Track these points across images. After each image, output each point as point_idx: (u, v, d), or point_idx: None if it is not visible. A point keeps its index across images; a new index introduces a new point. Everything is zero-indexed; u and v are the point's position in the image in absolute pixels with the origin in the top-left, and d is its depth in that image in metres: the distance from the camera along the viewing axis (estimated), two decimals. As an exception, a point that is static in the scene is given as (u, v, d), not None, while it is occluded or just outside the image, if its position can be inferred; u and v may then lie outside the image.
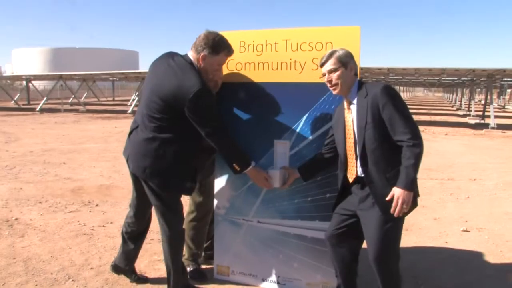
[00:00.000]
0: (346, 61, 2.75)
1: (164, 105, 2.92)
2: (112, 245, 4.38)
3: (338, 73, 2.74)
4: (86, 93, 39.13)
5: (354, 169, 2.78)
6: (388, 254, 2.70)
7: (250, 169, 3.13)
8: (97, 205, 5.92)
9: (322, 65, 2.82)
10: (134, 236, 3.48)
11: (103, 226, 5.05)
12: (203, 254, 3.88)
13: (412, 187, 2.54)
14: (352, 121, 2.75)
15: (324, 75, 2.81)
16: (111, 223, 5.15)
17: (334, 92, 2.82)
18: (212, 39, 2.95)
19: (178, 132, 2.98)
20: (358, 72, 2.88)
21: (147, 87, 3.06)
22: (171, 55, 3.09)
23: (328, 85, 2.81)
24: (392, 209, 2.56)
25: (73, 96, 32.60)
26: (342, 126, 2.83)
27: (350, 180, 2.83)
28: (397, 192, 2.55)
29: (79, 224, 5.09)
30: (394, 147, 2.60)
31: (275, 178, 3.20)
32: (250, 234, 3.48)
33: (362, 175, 2.72)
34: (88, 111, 25.83)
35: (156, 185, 3.04)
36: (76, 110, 26.00)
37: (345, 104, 2.81)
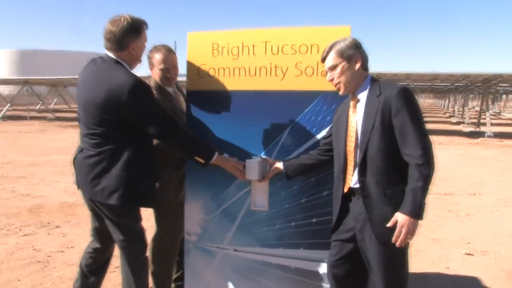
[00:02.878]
0: (349, 54, 2.50)
1: (100, 117, 2.78)
2: (70, 275, 4.11)
3: (339, 70, 2.52)
4: (55, 99, 38.63)
5: (350, 179, 2.58)
6: None
7: (217, 158, 2.97)
8: (57, 227, 5.68)
9: (323, 60, 2.60)
10: (95, 268, 3.27)
11: (62, 251, 4.81)
12: (172, 285, 3.70)
13: (419, 214, 2.31)
14: (357, 122, 2.52)
15: (326, 72, 2.60)
16: (72, 247, 4.91)
17: (340, 92, 2.59)
18: (128, 25, 2.79)
19: (123, 142, 2.83)
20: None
21: (80, 105, 2.94)
22: (92, 61, 2.97)
23: (332, 83, 2.59)
24: (394, 239, 2.34)
25: (40, 102, 32.07)
26: (344, 127, 2.60)
27: (345, 191, 2.62)
28: (401, 219, 2.31)
29: (34, 249, 4.83)
30: (401, 161, 2.38)
31: (254, 169, 3.00)
32: (225, 264, 3.29)
33: (357, 186, 2.51)
34: (57, 118, 25.48)
35: (115, 204, 2.86)
36: (44, 118, 25.56)
37: (351, 101, 2.58)
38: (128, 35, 2.79)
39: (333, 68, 2.54)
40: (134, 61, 2.92)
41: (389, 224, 2.35)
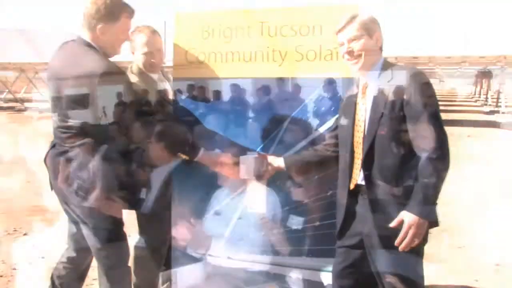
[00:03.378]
0: (371, 28, 2.60)
1: (72, 108, 2.84)
2: (41, 291, 4.15)
3: (361, 41, 2.58)
4: (25, 87, 38.58)
5: (358, 174, 2.64)
6: None
7: (203, 155, 3.06)
8: (25, 234, 5.71)
9: (339, 31, 2.65)
10: (70, 281, 3.32)
11: (31, 263, 4.82)
12: (158, 300, 3.74)
13: (429, 214, 2.38)
14: (366, 110, 2.60)
15: (341, 44, 2.65)
16: (43, 258, 4.91)
17: (355, 67, 2.64)
18: (103, 5, 2.86)
19: (99, 136, 2.87)
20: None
21: (51, 94, 2.98)
22: (64, 44, 3.02)
23: (347, 57, 2.63)
24: (398, 240, 2.39)
25: (6, 90, 32.10)
26: (351, 116, 2.67)
27: (351, 187, 2.68)
28: (407, 218, 2.37)
29: (-4, 262, 4.84)
30: (412, 156, 2.44)
31: (249, 166, 3.07)
32: (217, 274, 3.34)
33: (362, 183, 2.58)
34: (29, 109, 25.42)
35: (91, 206, 2.91)
36: (12, 108, 25.63)
37: (361, 87, 2.66)
38: (98, 15, 2.85)
39: (354, 39, 2.59)
40: (106, 47, 2.95)
41: (392, 224, 2.40)
